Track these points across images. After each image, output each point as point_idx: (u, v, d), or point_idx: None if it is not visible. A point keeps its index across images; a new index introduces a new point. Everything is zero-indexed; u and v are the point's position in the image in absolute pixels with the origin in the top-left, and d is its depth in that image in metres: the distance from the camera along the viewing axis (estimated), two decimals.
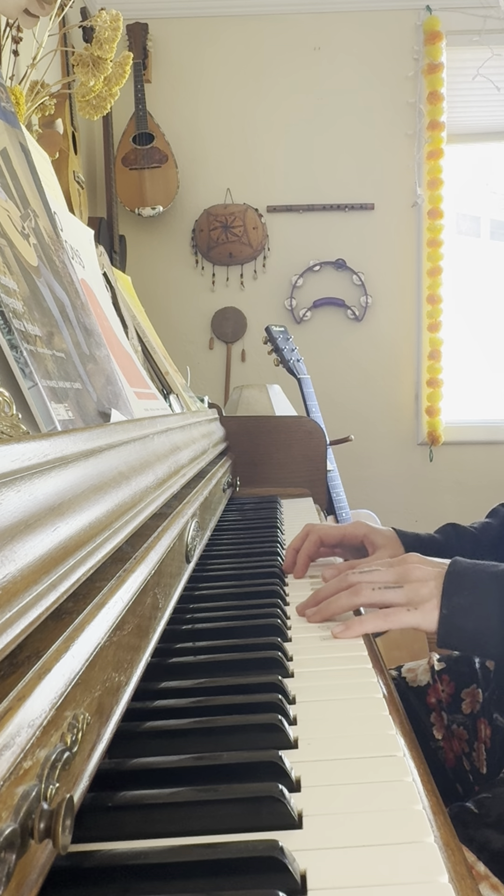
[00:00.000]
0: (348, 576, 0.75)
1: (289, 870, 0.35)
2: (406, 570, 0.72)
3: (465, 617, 0.68)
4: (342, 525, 0.98)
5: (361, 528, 0.97)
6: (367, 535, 0.96)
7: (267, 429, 1.84)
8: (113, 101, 1.31)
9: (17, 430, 0.48)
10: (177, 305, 3.57)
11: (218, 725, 0.49)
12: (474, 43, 3.35)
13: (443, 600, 0.69)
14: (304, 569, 0.95)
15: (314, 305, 3.56)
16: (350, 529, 0.97)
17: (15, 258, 0.67)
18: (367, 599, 0.72)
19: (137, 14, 3.42)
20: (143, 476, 0.69)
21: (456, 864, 0.38)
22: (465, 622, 0.68)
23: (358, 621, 0.70)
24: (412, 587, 0.70)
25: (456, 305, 3.64)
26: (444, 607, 0.68)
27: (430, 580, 0.70)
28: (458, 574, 0.70)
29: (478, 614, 0.68)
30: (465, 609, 0.68)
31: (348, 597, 0.73)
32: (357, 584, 0.73)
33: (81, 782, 0.36)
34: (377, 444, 3.55)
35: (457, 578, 0.70)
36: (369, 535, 0.96)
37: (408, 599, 0.70)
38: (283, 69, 3.52)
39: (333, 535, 0.97)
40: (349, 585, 0.73)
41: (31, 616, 0.34)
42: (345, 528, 0.98)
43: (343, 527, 0.98)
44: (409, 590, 0.70)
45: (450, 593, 0.69)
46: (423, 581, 0.71)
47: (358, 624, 0.69)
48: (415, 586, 0.70)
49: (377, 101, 3.51)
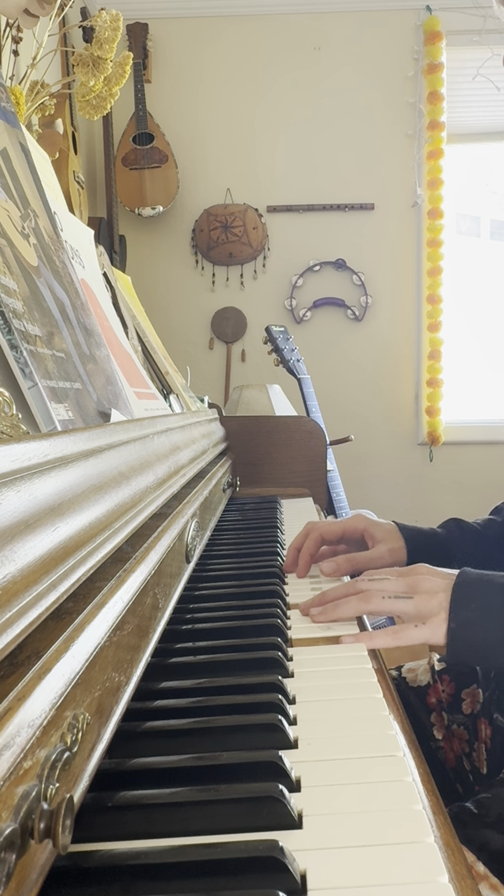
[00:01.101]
0: (357, 582, 0.74)
1: (289, 870, 0.35)
2: (416, 581, 0.71)
3: (473, 630, 0.67)
4: (342, 520, 0.98)
5: (361, 521, 0.97)
6: (367, 529, 0.96)
7: (267, 429, 1.84)
8: (113, 101, 1.31)
9: (17, 430, 0.48)
10: (177, 305, 3.57)
11: (218, 725, 0.49)
12: (474, 43, 3.35)
13: (451, 614, 0.68)
14: (306, 568, 0.94)
15: (314, 305, 3.56)
16: (350, 524, 0.97)
17: (15, 258, 0.67)
18: (378, 607, 0.71)
19: (137, 14, 3.42)
20: (143, 476, 0.68)
21: (456, 864, 0.38)
22: (474, 635, 0.67)
23: (367, 636, 0.68)
24: (422, 598, 0.69)
25: (456, 305, 3.64)
26: (453, 621, 0.67)
27: (439, 592, 0.70)
28: (467, 586, 0.69)
29: (486, 627, 0.67)
30: (473, 622, 0.67)
31: (357, 602, 0.72)
32: (367, 591, 0.72)
33: (81, 782, 0.36)
34: (377, 444, 3.55)
35: (465, 591, 0.69)
36: (369, 529, 0.96)
37: (417, 611, 0.69)
38: (283, 69, 3.52)
39: (334, 531, 0.96)
40: (358, 591, 0.73)
41: (31, 616, 0.34)
42: (345, 523, 0.97)
43: (343, 522, 0.97)
44: (418, 601, 0.69)
45: (458, 606, 0.68)
46: (432, 593, 0.70)
47: (367, 638, 0.68)
48: (424, 598, 0.69)
49: (377, 101, 3.52)
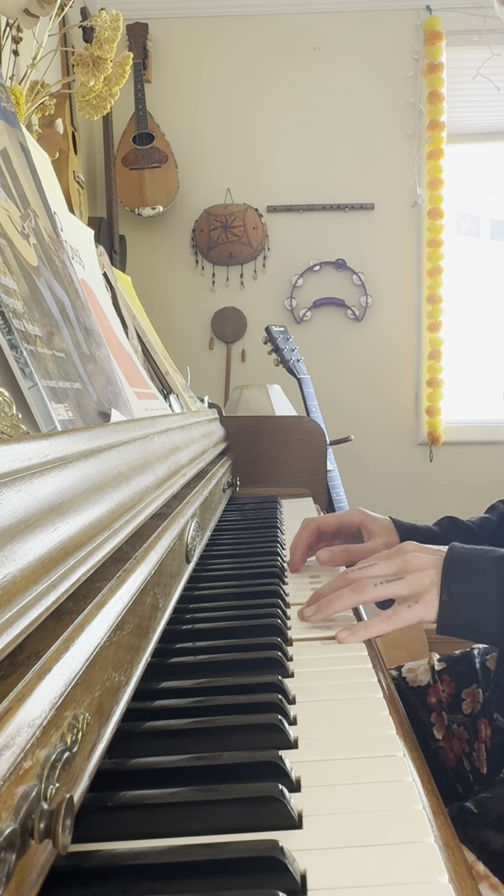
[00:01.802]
0: (348, 573, 0.74)
1: (289, 870, 0.35)
2: (405, 560, 0.71)
3: (464, 603, 0.67)
4: (339, 513, 0.99)
5: (358, 514, 0.97)
6: (364, 522, 0.96)
7: (267, 429, 1.84)
8: (113, 101, 1.31)
9: (17, 430, 0.48)
10: (177, 305, 3.57)
11: (218, 725, 0.49)
12: (474, 43, 3.35)
13: (442, 588, 0.68)
14: (303, 559, 0.95)
15: (314, 305, 3.56)
16: (347, 517, 0.98)
17: (15, 258, 0.67)
18: (371, 596, 0.71)
19: (137, 14, 3.42)
20: (143, 476, 0.68)
21: (456, 864, 0.38)
22: (465, 609, 0.67)
23: (362, 626, 0.68)
24: (413, 577, 0.69)
25: (456, 305, 3.64)
26: (444, 594, 0.67)
27: (429, 568, 0.70)
28: (457, 560, 0.69)
29: (478, 600, 0.67)
30: (464, 596, 0.67)
31: (350, 594, 0.71)
32: (358, 581, 0.72)
33: (81, 782, 0.36)
34: (377, 444, 3.55)
35: (455, 565, 0.69)
36: (365, 522, 0.96)
37: (411, 590, 0.69)
38: (282, 69, 3.52)
39: (331, 523, 0.97)
40: (349, 583, 0.72)
41: (31, 616, 0.34)
42: (341, 515, 0.98)
43: (340, 515, 0.98)
44: (410, 580, 0.69)
45: (449, 580, 0.68)
46: (423, 570, 0.70)
47: (363, 629, 0.68)
48: (416, 576, 0.69)
49: (377, 101, 3.51)
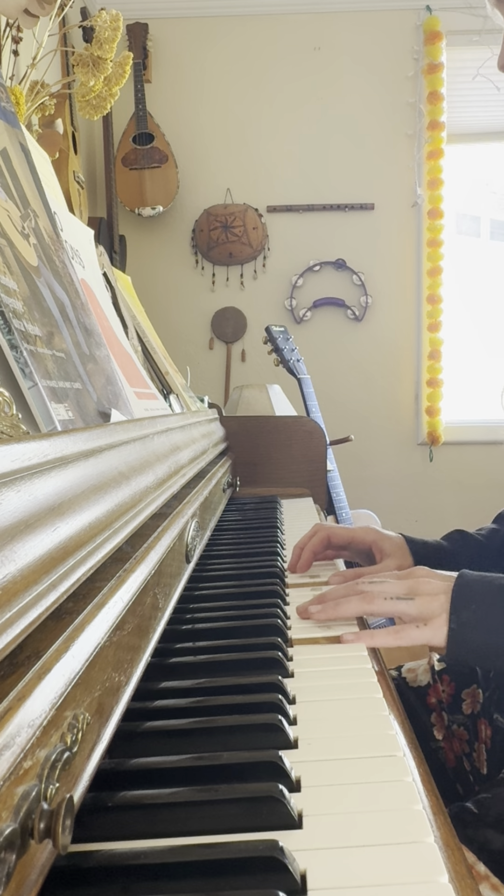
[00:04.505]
0: (358, 584, 0.74)
1: (289, 870, 0.35)
2: (416, 584, 0.71)
3: (473, 631, 0.67)
4: (352, 528, 0.97)
5: (371, 533, 0.96)
6: (376, 542, 0.95)
7: (267, 429, 1.83)
8: (113, 101, 1.31)
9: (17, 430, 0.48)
10: (177, 305, 3.57)
11: (218, 725, 0.49)
12: (474, 43, 3.35)
13: (451, 615, 0.68)
14: (308, 564, 0.94)
15: (314, 305, 3.56)
16: (359, 534, 0.97)
17: (15, 258, 0.67)
18: (379, 608, 0.71)
19: (137, 14, 3.42)
20: (143, 476, 0.68)
21: (456, 864, 0.38)
22: (474, 636, 0.67)
23: (368, 634, 0.69)
24: (423, 600, 0.69)
25: (456, 305, 3.64)
26: (453, 622, 0.68)
27: (439, 594, 0.70)
28: (466, 588, 0.70)
29: (485, 628, 0.67)
30: (473, 623, 0.67)
31: (359, 602, 0.72)
32: (368, 592, 0.72)
33: (81, 782, 0.36)
34: (377, 444, 3.55)
35: (465, 592, 0.69)
36: (378, 542, 0.95)
37: (419, 612, 0.69)
38: (283, 69, 3.52)
39: (342, 535, 0.96)
40: (359, 593, 0.73)
41: (31, 616, 0.34)
42: (354, 531, 0.97)
43: (353, 530, 0.97)
44: (420, 603, 0.69)
45: (458, 608, 0.68)
46: (433, 595, 0.70)
47: (368, 636, 0.68)
48: (426, 599, 0.69)
49: (377, 101, 3.51)
